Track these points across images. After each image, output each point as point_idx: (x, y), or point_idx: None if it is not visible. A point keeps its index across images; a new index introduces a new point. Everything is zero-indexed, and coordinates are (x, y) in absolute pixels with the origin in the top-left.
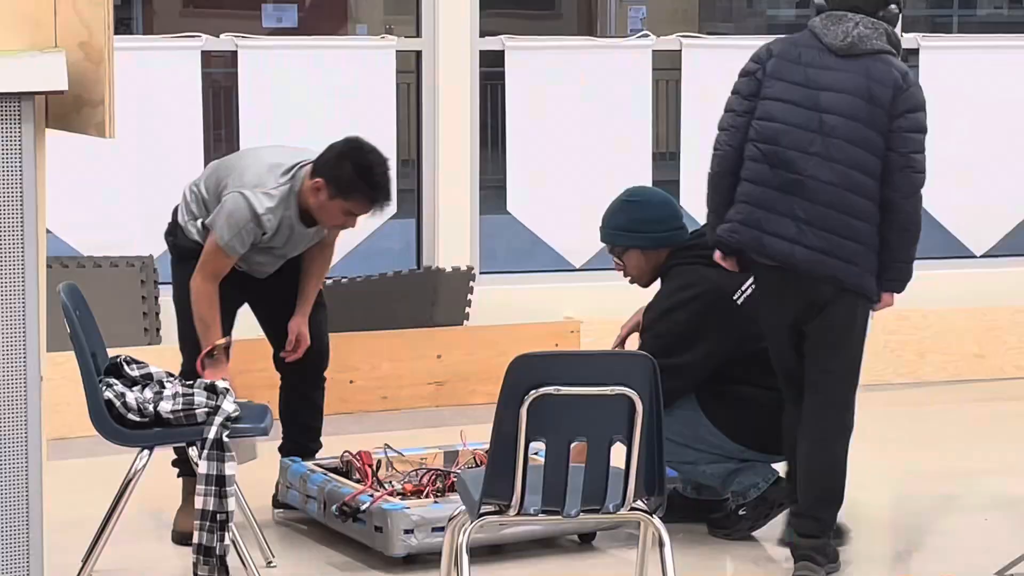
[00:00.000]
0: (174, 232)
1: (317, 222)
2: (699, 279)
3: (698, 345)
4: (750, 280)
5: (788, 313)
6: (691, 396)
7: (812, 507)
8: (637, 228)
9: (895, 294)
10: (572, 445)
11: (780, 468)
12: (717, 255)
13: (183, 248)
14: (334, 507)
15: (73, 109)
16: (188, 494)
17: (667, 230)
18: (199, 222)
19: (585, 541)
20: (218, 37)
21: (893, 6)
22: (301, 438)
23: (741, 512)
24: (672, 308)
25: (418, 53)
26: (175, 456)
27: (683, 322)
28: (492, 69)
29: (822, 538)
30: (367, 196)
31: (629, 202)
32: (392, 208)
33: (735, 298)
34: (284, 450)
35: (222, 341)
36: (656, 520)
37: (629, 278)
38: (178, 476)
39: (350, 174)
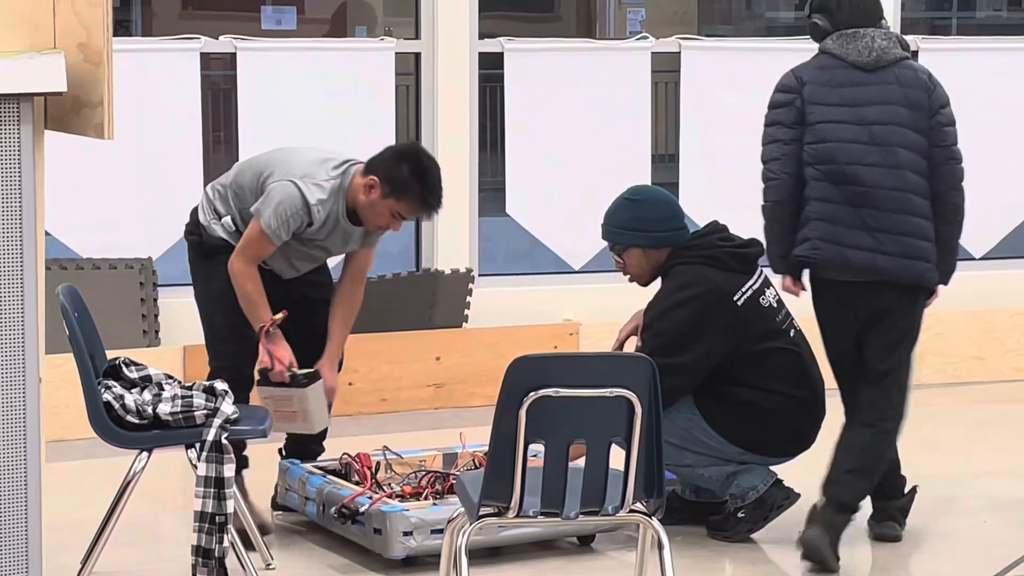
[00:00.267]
0: (197, 232)
1: (362, 222)
2: (700, 278)
3: (698, 344)
4: (751, 282)
5: (856, 321)
6: (689, 399)
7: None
8: (638, 227)
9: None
10: (572, 446)
11: (778, 470)
12: (786, 282)
13: (210, 245)
14: (333, 509)
15: (72, 110)
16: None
17: (668, 230)
18: (225, 220)
19: (584, 543)
20: (217, 39)
21: (884, 20)
22: (304, 438)
23: (740, 515)
24: (673, 306)
25: (417, 55)
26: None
27: (684, 321)
28: (491, 71)
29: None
30: (419, 198)
31: (631, 200)
32: (439, 214)
33: (736, 299)
34: (287, 451)
35: (277, 317)
36: (655, 522)
37: (629, 276)
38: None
39: (406, 175)
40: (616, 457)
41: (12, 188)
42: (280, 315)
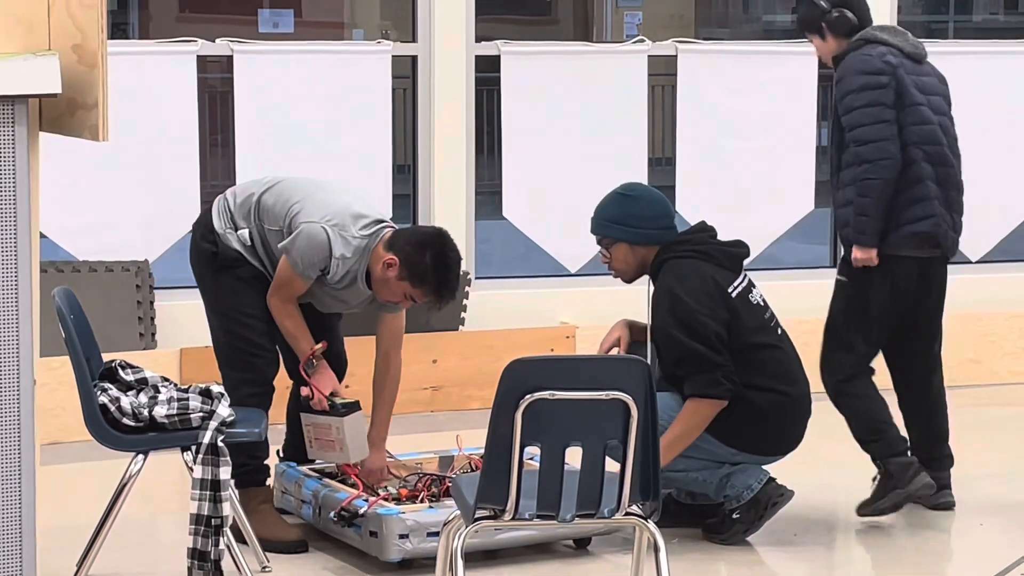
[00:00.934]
0: (211, 239)
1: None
2: (695, 270)
3: (717, 331)
4: (738, 280)
5: (913, 298)
6: (678, 402)
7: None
8: (628, 222)
9: None
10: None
11: (771, 468)
12: (871, 254)
13: (226, 257)
14: (332, 513)
15: (67, 112)
16: (259, 503)
17: (658, 228)
18: (242, 232)
19: (580, 546)
20: (214, 42)
21: None
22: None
23: (735, 515)
24: (679, 297)
25: (414, 58)
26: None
27: (693, 307)
28: (488, 74)
29: None
30: (434, 291)
31: (623, 196)
32: (453, 299)
33: (729, 291)
34: (286, 453)
35: (318, 347)
36: (651, 525)
37: (614, 272)
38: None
39: (427, 265)
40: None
41: (7, 190)
42: (320, 346)
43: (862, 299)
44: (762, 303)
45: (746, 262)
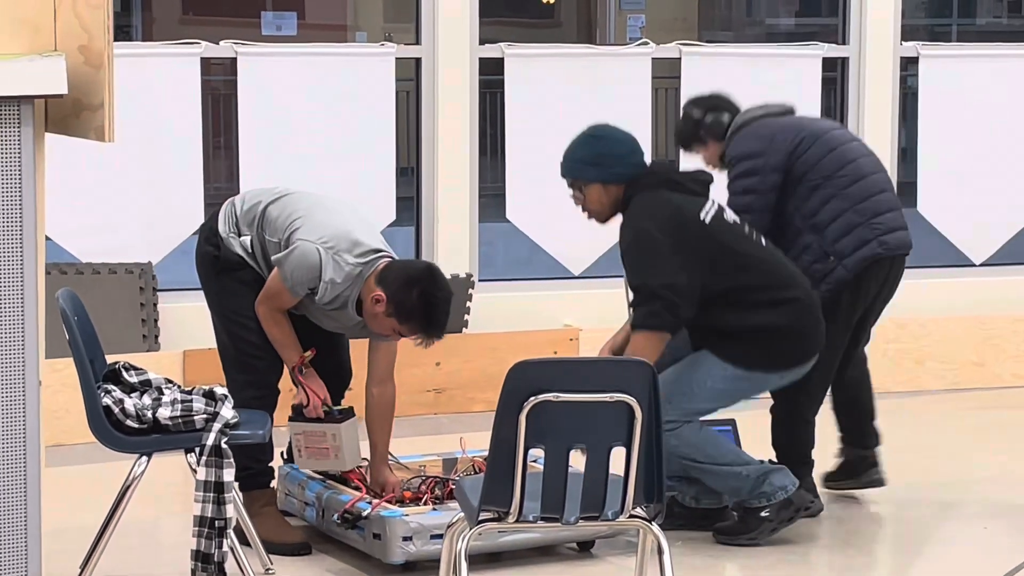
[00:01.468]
0: (215, 242)
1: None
2: (663, 201)
3: (679, 264)
4: (709, 203)
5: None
6: (701, 355)
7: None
8: (599, 162)
9: None
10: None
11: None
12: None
13: (228, 260)
14: (335, 515)
15: (72, 113)
16: (263, 506)
17: (629, 165)
18: (244, 239)
19: (584, 549)
20: (218, 44)
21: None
22: None
23: (764, 514)
24: (643, 228)
25: (417, 60)
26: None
27: (660, 241)
28: (491, 77)
29: None
30: (421, 329)
31: (593, 137)
32: (440, 338)
33: (702, 217)
34: (290, 456)
35: (307, 355)
36: (655, 527)
37: (587, 214)
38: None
39: (414, 303)
40: (616, 462)
41: (13, 191)
42: (309, 353)
43: None
44: (738, 221)
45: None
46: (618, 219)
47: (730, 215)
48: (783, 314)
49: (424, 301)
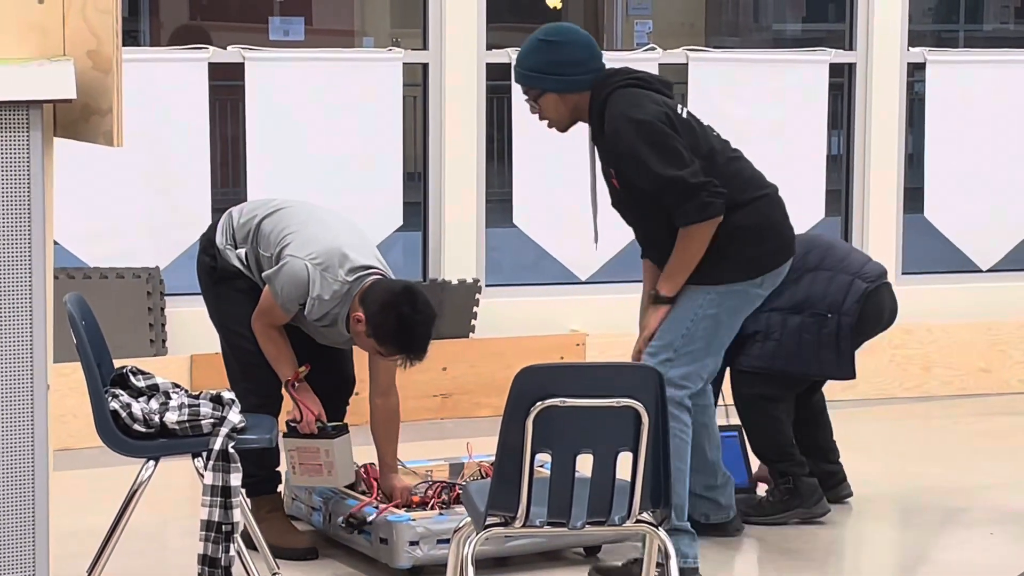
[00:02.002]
0: (212, 253)
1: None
2: (645, 96)
3: (682, 143)
4: (677, 103)
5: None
6: (681, 293)
7: None
8: (556, 71)
9: None
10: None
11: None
12: None
13: (225, 270)
14: (340, 519)
15: (81, 117)
16: (269, 511)
17: (587, 72)
18: (239, 251)
19: (590, 554)
20: (225, 49)
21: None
22: None
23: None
24: (642, 121)
25: (425, 66)
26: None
27: (666, 131)
28: (499, 82)
29: None
30: (399, 350)
31: (546, 42)
32: (422, 359)
33: (679, 112)
34: None
35: (301, 370)
36: (662, 532)
37: (547, 122)
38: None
39: (391, 326)
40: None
41: (21, 195)
42: (303, 368)
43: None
44: (704, 122)
45: None
46: (580, 127)
47: (696, 117)
48: (760, 211)
49: (400, 324)
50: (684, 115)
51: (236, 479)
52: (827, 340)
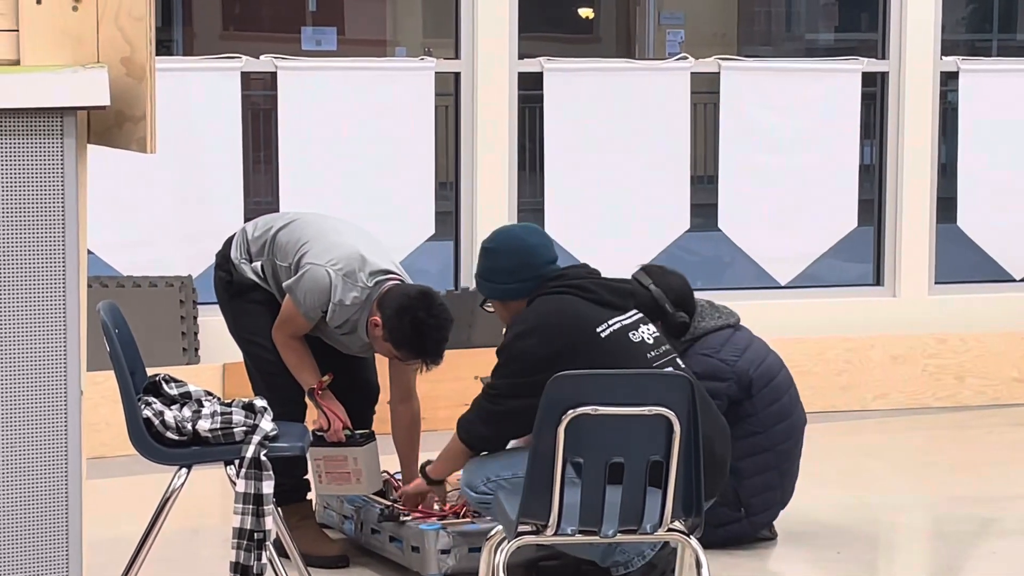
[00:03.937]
0: (227, 268)
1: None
2: (559, 307)
3: (539, 382)
4: (622, 317)
5: None
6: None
7: None
8: (490, 277)
9: None
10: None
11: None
12: None
13: (241, 284)
14: (378, 508)
15: (115, 124)
16: (301, 519)
17: (517, 281)
18: (255, 265)
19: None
20: (258, 59)
21: None
22: None
23: None
24: (522, 336)
25: (457, 75)
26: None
27: (530, 353)
28: (531, 91)
29: None
30: (415, 354)
31: (484, 249)
32: (439, 363)
33: (599, 330)
34: None
35: (324, 379)
36: (694, 541)
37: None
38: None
39: (406, 331)
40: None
41: (55, 202)
42: (327, 377)
43: None
44: (649, 341)
45: (785, 281)
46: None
47: (642, 334)
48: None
49: (415, 329)
50: (608, 332)
51: (268, 487)
52: None
